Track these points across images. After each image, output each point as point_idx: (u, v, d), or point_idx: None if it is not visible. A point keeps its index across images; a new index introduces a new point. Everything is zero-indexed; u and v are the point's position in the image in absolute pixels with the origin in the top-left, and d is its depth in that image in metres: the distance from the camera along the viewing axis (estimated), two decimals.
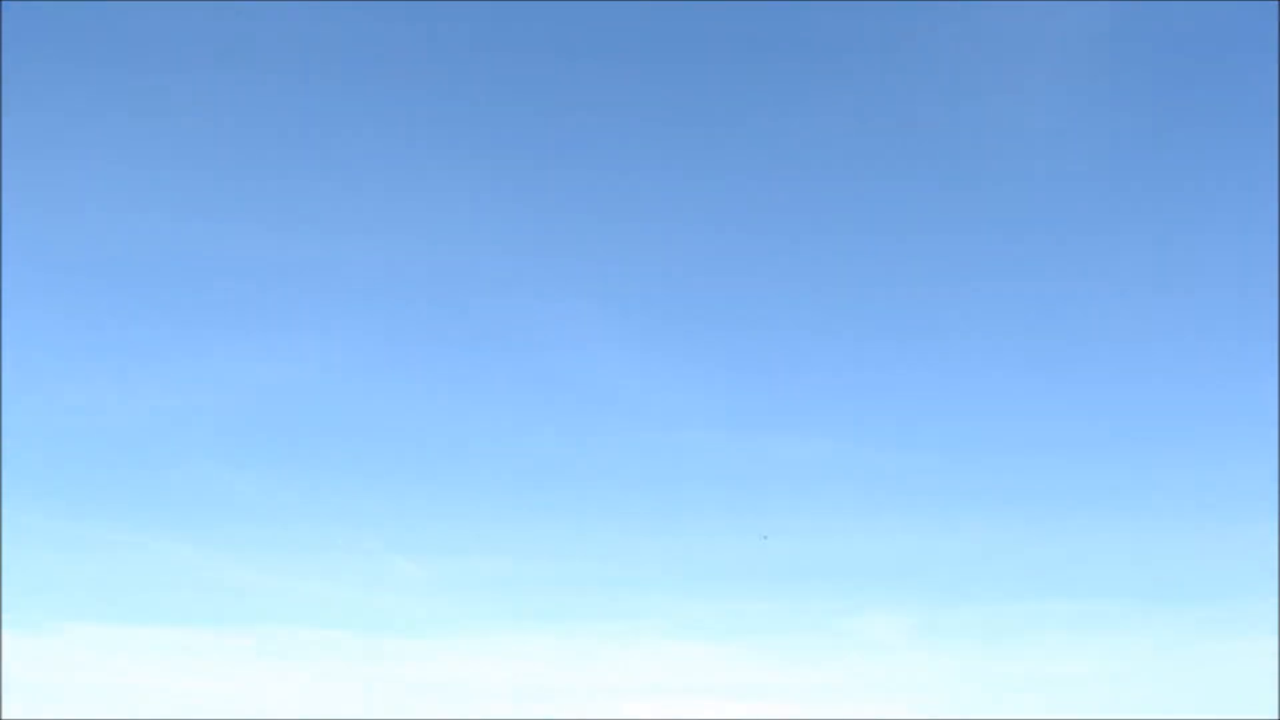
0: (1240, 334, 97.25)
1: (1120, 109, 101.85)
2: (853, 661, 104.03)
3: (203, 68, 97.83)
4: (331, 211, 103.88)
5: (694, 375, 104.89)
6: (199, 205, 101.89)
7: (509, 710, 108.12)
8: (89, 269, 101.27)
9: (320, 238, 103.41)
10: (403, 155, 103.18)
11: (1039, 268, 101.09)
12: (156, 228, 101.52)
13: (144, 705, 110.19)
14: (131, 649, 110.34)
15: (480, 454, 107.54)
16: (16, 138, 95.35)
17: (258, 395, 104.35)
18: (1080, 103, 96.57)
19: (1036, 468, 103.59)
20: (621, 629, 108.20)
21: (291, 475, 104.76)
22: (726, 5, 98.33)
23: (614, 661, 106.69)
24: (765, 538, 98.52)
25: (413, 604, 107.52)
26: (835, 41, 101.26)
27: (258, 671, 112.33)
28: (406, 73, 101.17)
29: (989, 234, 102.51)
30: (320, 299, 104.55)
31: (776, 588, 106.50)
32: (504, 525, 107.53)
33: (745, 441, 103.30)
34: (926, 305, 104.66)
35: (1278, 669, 74.49)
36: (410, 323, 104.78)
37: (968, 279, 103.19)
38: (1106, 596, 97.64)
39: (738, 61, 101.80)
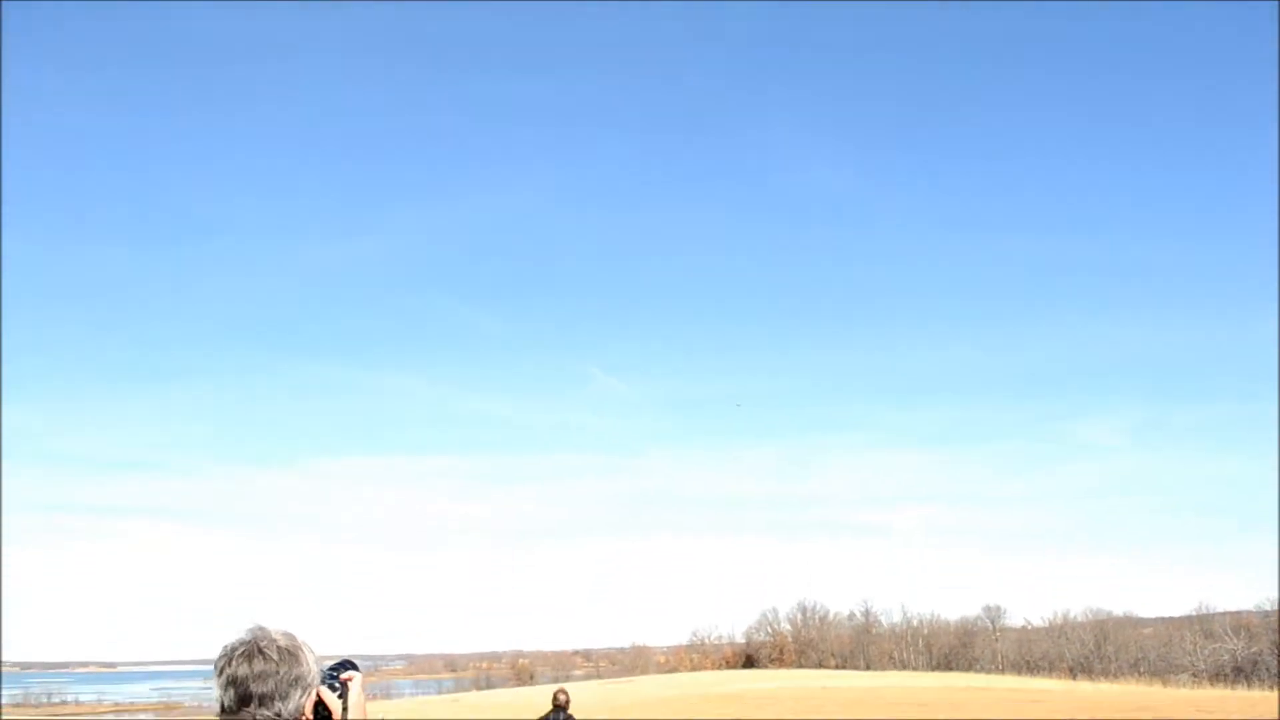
0: None
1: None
2: (1071, 466, 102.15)
3: None
4: (548, 50, 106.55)
5: (913, 180, 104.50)
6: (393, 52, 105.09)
7: (730, 519, 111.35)
8: (312, 130, 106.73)
9: (539, 75, 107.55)
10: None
11: None
12: (355, 79, 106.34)
13: (387, 530, 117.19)
14: (371, 478, 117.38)
15: (692, 275, 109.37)
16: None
17: (481, 228, 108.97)
18: None
19: (1260, 254, 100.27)
20: (835, 441, 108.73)
21: (514, 305, 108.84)
22: None
23: (830, 471, 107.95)
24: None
25: (631, 424, 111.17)
26: None
27: (493, 494, 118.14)
28: None
29: None
30: (540, 132, 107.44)
31: (992, 393, 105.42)
32: (715, 346, 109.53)
33: (964, 240, 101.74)
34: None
35: None
36: (628, 152, 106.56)
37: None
38: None
39: None
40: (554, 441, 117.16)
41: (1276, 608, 58.31)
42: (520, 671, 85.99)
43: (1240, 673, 52.78)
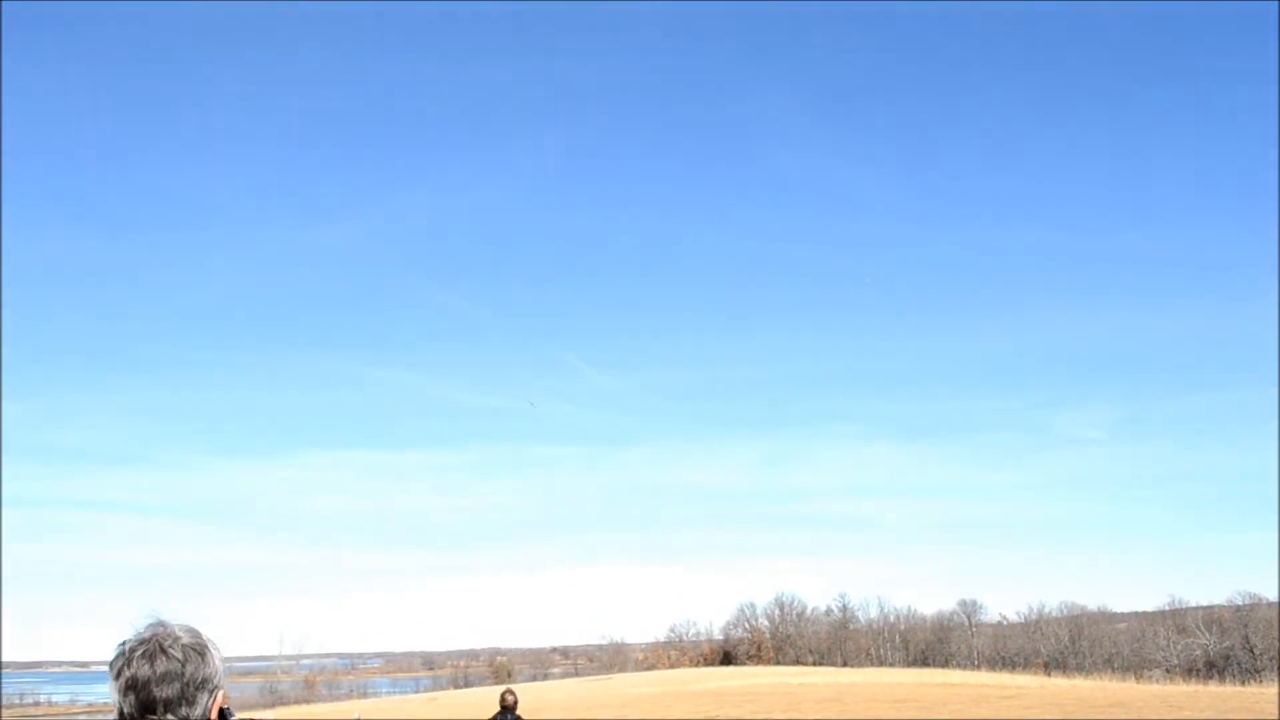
0: None
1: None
2: (1051, 458, 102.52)
3: None
4: (532, 35, 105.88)
5: (895, 169, 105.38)
6: (379, 37, 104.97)
7: (710, 512, 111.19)
8: (289, 119, 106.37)
9: (523, 61, 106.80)
10: None
11: None
12: (349, 60, 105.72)
13: (370, 524, 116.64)
14: (357, 471, 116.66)
15: (668, 264, 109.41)
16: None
17: (464, 216, 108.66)
18: None
19: (1246, 247, 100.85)
20: (815, 433, 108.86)
21: (497, 294, 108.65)
22: None
23: (810, 464, 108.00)
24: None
25: (610, 416, 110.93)
26: None
27: (470, 487, 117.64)
28: None
29: None
30: (524, 118, 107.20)
31: (972, 384, 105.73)
32: (694, 336, 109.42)
33: (945, 231, 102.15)
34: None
35: None
36: (614, 140, 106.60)
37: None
38: None
39: None
40: (534, 433, 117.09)
41: (1254, 601, 58.83)
42: (498, 669, 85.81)
43: (1212, 668, 53.16)
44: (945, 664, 65.58)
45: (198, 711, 1.93)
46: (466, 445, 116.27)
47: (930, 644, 70.15)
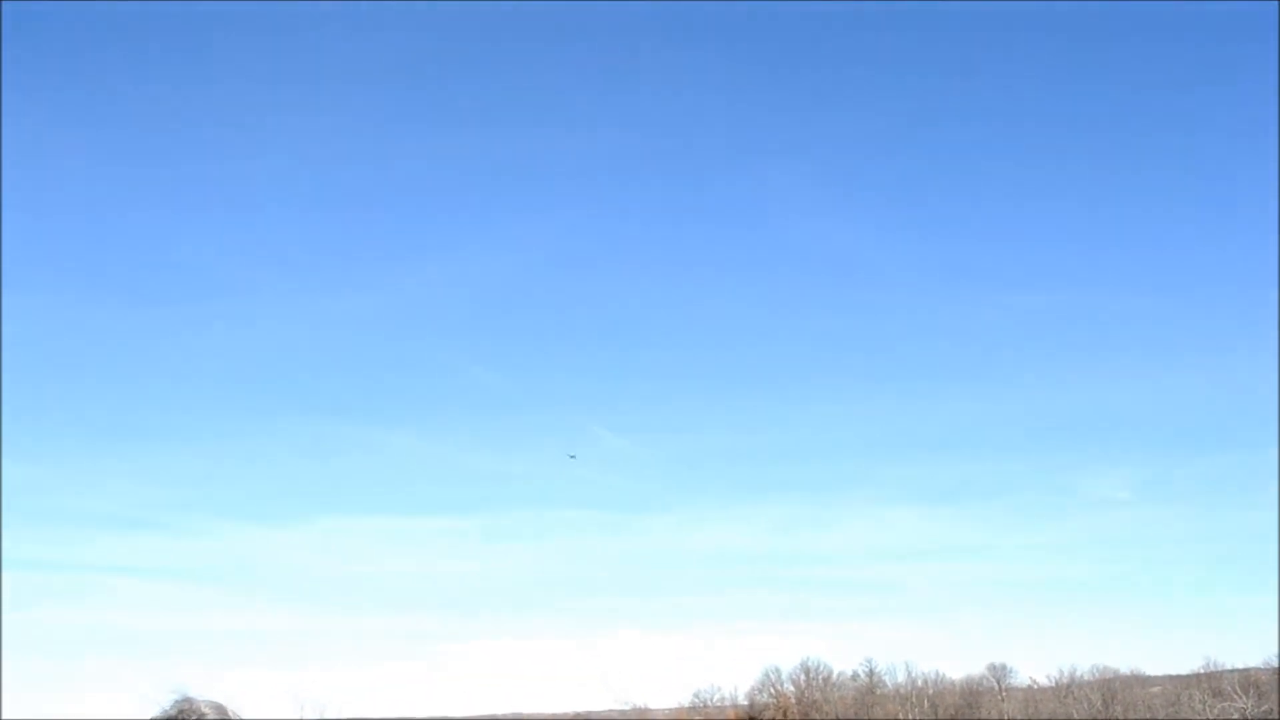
0: None
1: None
2: (1078, 519, 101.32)
3: None
4: (538, 108, 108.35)
5: (918, 233, 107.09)
6: (394, 112, 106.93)
7: (733, 576, 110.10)
8: (310, 190, 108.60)
9: (532, 132, 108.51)
10: (605, 51, 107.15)
11: None
12: (358, 138, 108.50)
13: (388, 590, 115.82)
14: (375, 536, 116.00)
15: (687, 331, 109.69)
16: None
17: (485, 285, 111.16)
18: None
19: (1269, 307, 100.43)
20: (839, 497, 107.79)
21: (518, 362, 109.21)
22: None
23: (834, 527, 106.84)
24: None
25: (626, 480, 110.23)
26: None
27: (493, 552, 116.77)
28: None
29: None
30: (543, 188, 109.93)
31: (993, 447, 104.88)
32: (715, 401, 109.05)
33: (959, 296, 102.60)
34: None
35: None
36: (632, 208, 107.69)
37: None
38: None
39: None
40: (555, 498, 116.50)
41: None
42: None
43: None
44: None
45: None
46: (486, 510, 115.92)
47: (959, 709, 68.93)
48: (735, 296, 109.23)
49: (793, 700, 74.84)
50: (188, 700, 1.46)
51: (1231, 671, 61.48)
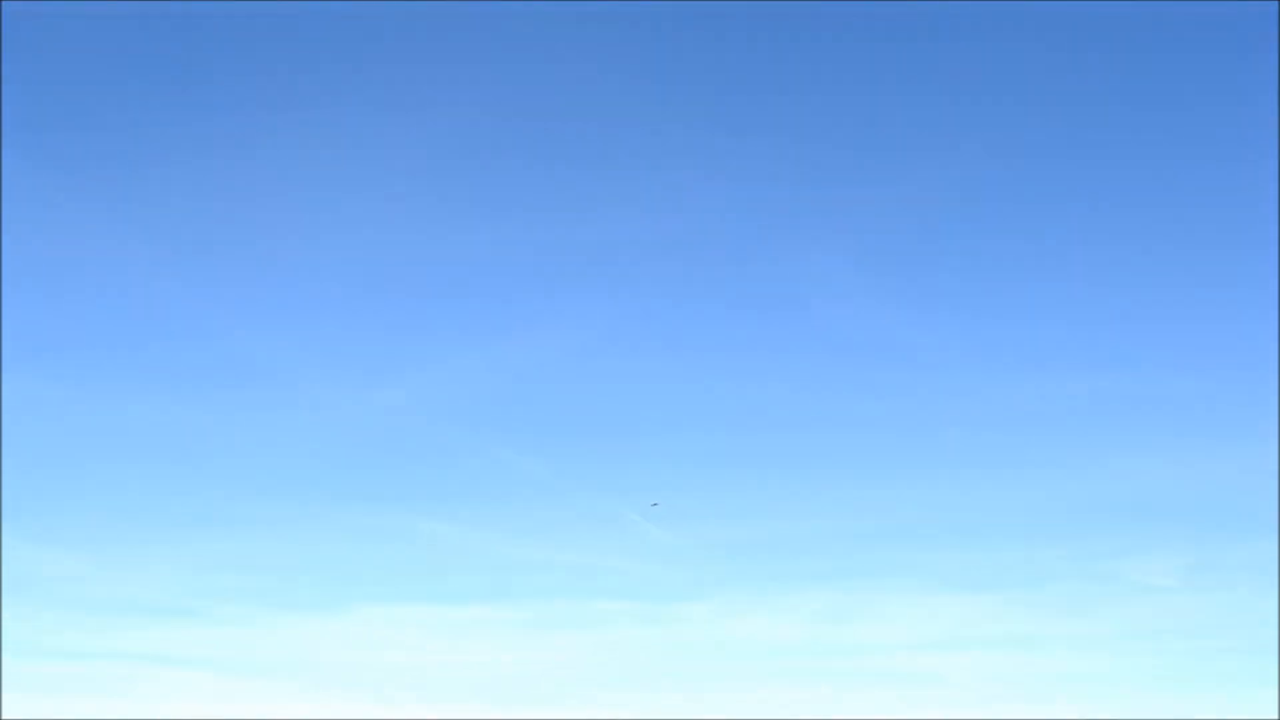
0: None
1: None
2: (1122, 607, 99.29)
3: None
4: (574, 195, 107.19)
5: (946, 317, 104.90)
6: (432, 198, 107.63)
7: (771, 668, 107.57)
8: (342, 275, 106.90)
9: (563, 216, 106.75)
10: (639, 134, 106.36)
11: None
12: (396, 223, 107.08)
13: (426, 681, 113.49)
14: (413, 626, 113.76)
15: (724, 416, 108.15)
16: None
17: (515, 375, 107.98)
18: None
19: None
20: (877, 585, 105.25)
21: (549, 450, 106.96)
22: None
23: (872, 617, 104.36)
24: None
25: (664, 570, 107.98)
26: None
27: (528, 644, 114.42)
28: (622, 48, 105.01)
29: None
30: (570, 273, 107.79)
31: (1036, 533, 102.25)
32: (751, 489, 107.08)
33: (998, 380, 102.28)
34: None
35: None
36: (658, 292, 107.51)
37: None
38: None
39: None
40: (592, 589, 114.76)
41: None
42: None
43: None
44: None
45: None
46: (523, 600, 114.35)
47: None
48: (773, 381, 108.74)
49: None
50: None
51: None
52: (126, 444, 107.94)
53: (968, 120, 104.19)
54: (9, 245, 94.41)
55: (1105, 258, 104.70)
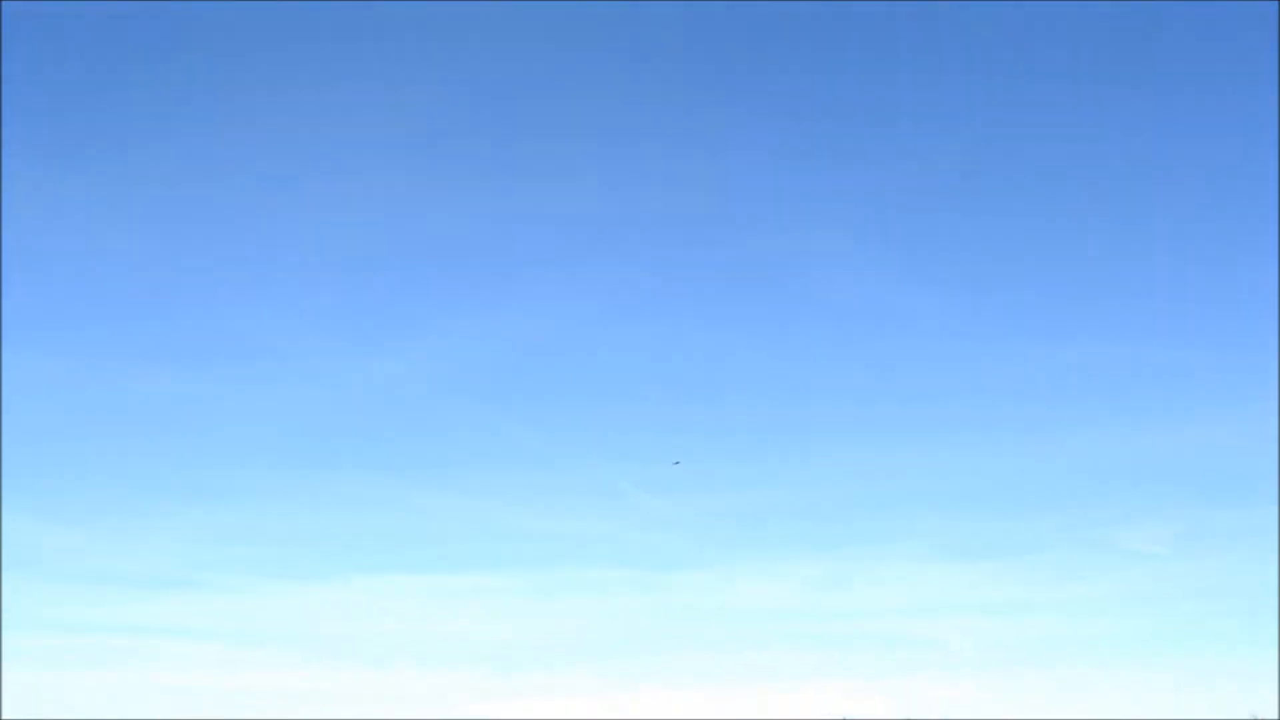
0: None
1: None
2: (1114, 574, 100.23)
3: None
4: (571, 167, 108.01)
5: (942, 289, 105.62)
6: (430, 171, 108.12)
7: (766, 633, 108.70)
8: (339, 247, 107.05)
9: (560, 189, 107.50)
10: (640, 109, 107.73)
11: None
12: (394, 197, 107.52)
13: (425, 649, 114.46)
14: (407, 595, 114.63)
15: (722, 387, 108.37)
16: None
17: (512, 346, 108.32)
18: None
19: None
20: (873, 552, 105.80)
21: (546, 420, 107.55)
22: None
23: (868, 584, 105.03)
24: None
25: (661, 538, 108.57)
26: None
27: (526, 611, 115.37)
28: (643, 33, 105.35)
29: None
30: (567, 247, 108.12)
31: (1031, 501, 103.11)
32: (746, 458, 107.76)
33: (993, 350, 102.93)
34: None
35: None
36: (656, 265, 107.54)
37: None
38: None
39: None
40: (585, 557, 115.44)
41: None
42: None
43: None
44: None
45: None
46: (521, 569, 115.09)
47: None
48: (769, 352, 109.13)
49: None
50: None
51: None
52: (124, 419, 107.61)
53: (966, 100, 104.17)
54: (7, 226, 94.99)
55: (1099, 231, 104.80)
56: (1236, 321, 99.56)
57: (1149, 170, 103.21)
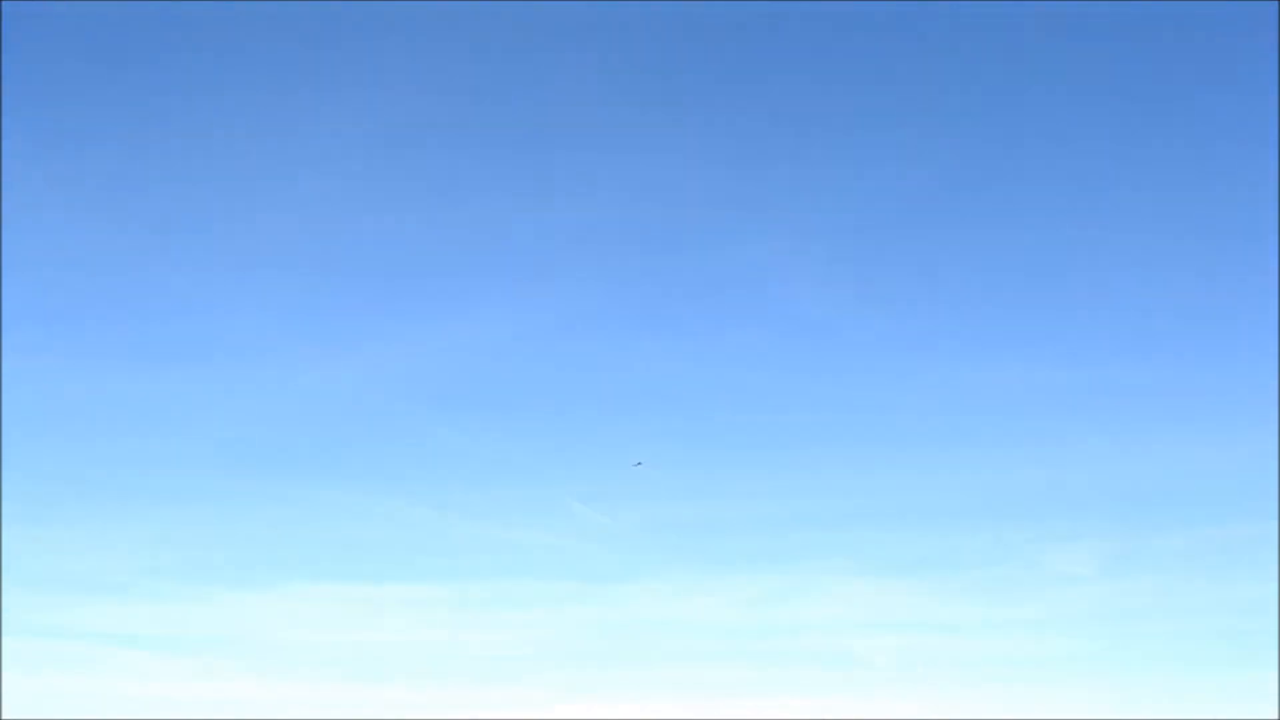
0: None
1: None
2: (1040, 595, 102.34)
3: None
4: (532, 179, 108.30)
5: (882, 307, 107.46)
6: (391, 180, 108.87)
7: (702, 648, 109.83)
8: (314, 253, 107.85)
9: (519, 201, 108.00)
10: (597, 118, 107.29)
11: None
12: (354, 203, 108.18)
13: (361, 658, 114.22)
14: (344, 605, 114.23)
15: (662, 401, 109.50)
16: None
17: (463, 356, 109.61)
18: None
19: (1235, 379, 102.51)
20: (806, 568, 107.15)
21: (493, 431, 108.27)
22: None
23: (800, 600, 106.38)
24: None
25: (603, 551, 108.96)
26: None
27: (467, 623, 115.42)
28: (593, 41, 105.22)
29: None
30: (524, 257, 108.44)
31: (960, 521, 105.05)
32: (686, 471, 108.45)
33: (926, 369, 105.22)
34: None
35: None
36: (610, 278, 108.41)
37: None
38: None
39: None
40: (525, 569, 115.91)
41: None
42: None
43: None
44: None
45: None
46: (462, 579, 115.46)
47: None
48: (720, 365, 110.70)
49: None
50: None
51: None
52: (69, 419, 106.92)
53: (930, 109, 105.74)
54: None
55: (1031, 255, 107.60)
56: (1172, 342, 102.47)
57: (1096, 184, 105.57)
